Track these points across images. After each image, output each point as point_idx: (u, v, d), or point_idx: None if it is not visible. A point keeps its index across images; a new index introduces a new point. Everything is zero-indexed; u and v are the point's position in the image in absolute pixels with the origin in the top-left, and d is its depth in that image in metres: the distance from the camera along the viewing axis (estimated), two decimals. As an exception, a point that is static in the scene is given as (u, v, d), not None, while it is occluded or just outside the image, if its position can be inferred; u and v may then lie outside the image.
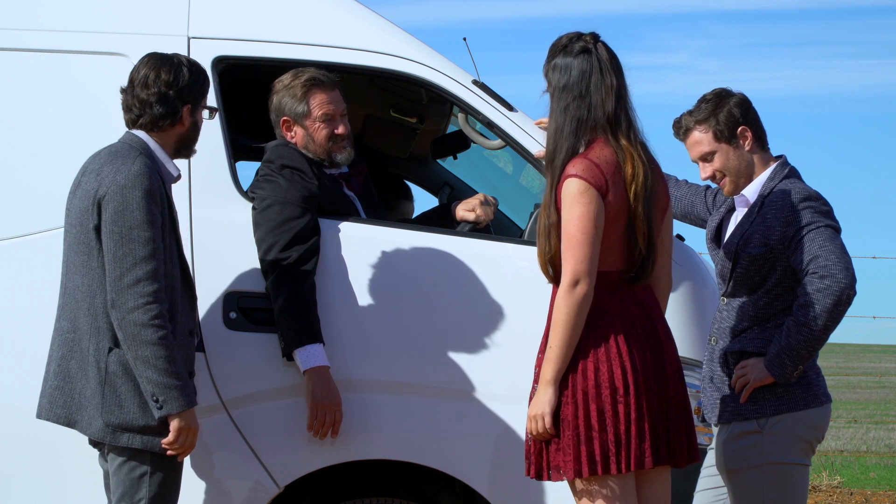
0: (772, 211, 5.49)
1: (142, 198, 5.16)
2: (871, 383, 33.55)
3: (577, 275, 4.92)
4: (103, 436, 5.22)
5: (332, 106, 5.88)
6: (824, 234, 5.39)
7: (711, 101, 5.61)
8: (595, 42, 5.08)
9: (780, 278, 5.47)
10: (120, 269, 5.15)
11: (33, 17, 5.90)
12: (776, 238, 5.46)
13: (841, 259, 5.34)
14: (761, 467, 5.41)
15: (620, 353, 4.95)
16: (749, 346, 5.49)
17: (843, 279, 5.31)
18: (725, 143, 5.59)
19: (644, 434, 4.93)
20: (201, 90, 5.39)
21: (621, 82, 5.07)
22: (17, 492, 5.73)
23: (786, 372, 5.38)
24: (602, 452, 4.92)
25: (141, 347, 5.13)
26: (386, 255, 5.74)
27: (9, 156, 5.82)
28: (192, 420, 5.22)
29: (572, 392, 4.96)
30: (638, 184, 5.00)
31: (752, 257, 5.49)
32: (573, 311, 4.92)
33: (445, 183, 7.83)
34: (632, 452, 4.92)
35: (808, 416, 5.46)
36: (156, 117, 5.31)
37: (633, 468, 4.93)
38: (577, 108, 5.03)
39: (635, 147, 5.04)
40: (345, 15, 6.02)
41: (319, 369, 5.57)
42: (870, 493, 12.98)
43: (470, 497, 5.87)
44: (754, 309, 5.51)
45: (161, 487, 5.25)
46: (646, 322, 5.04)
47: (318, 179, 5.80)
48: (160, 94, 5.31)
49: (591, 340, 4.97)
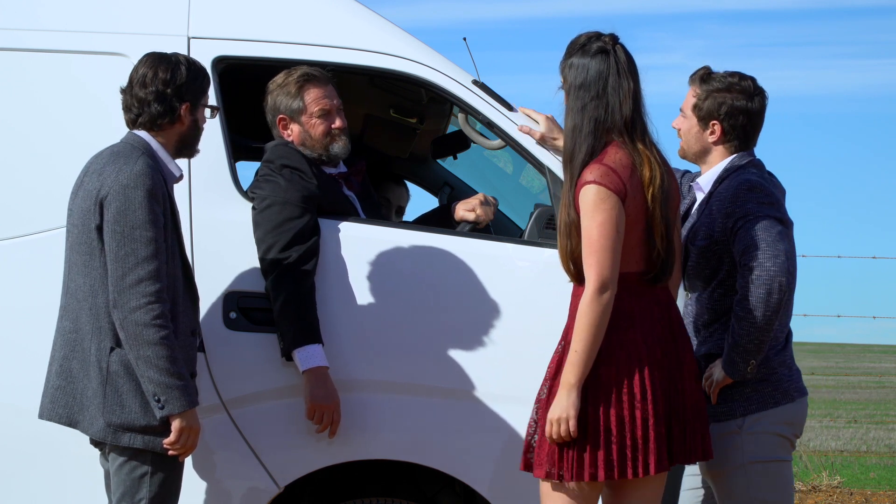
0: (717, 203, 5.47)
1: (144, 198, 5.16)
2: (871, 383, 33.56)
3: (604, 281, 4.96)
4: (105, 436, 5.22)
5: (327, 100, 5.88)
6: (760, 225, 5.34)
7: (721, 84, 5.55)
8: (614, 44, 5.09)
9: (731, 270, 5.43)
10: (122, 268, 5.15)
11: (33, 17, 5.90)
12: (719, 230, 5.43)
13: (771, 247, 5.28)
14: (744, 467, 5.41)
15: (640, 357, 5.00)
16: (715, 349, 5.48)
17: (772, 267, 5.26)
18: (696, 118, 5.59)
19: (662, 438, 4.98)
20: (200, 88, 5.39)
21: (637, 86, 5.09)
22: (18, 492, 5.73)
23: (738, 369, 5.34)
24: (619, 457, 4.94)
25: (143, 347, 5.13)
26: (386, 256, 5.74)
27: (9, 156, 5.83)
28: (194, 420, 5.22)
29: (592, 397, 4.99)
30: (655, 187, 5.04)
31: (700, 250, 5.47)
32: (599, 316, 4.96)
33: (445, 183, 7.83)
34: (650, 456, 4.96)
35: (781, 412, 5.45)
36: (154, 116, 5.32)
37: (653, 472, 4.97)
38: (595, 108, 5.05)
39: (650, 149, 5.07)
40: (345, 15, 6.02)
41: (318, 370, 5.57)
42: (870, 493, 12.98)
43: (470, 497, 5.87)
44: (710, 301, 5.49)
45: (162, 488, 5.25)
46: (664, 321, 5.09)
47: (317, 179, 5.81)
48: (158, 93, 5.31)
49: (612, 344, 5.00)
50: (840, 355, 49.83)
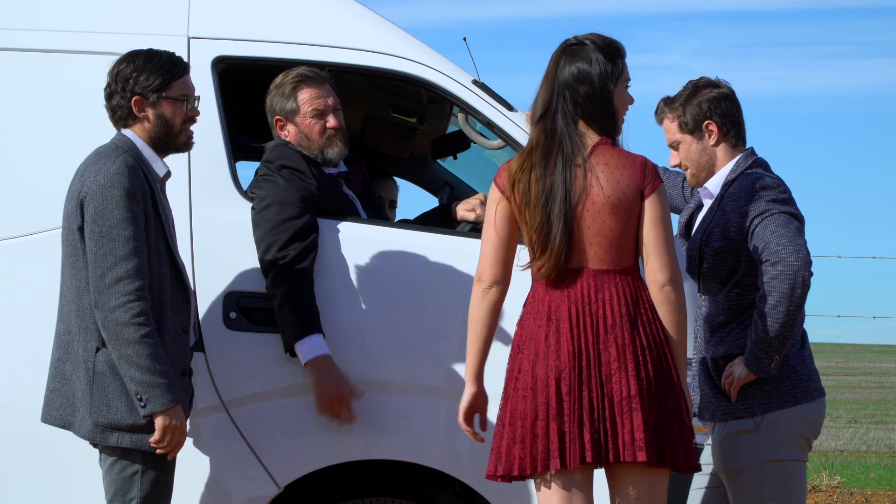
0: (730, 203, 5.49)
1: (121, 197, 5.15)
2: (871, 383, 33.59)
3: (478, 274, 5.07)
4: (93, 436, 5.22)
5: (320, 100, 5.88)
6: (777, 221, 5.35)
7: (686, 92, 5.63)
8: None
9: (748, 269, 5.45)
10: (101, 268, 5.14)
11: (33, 17, 5.90)
12: (735, 230, 5.44)
13: (792, 242, 5.29)
14: (760, 465, 5.41)
15: (538, 351, 4.96)
16: (733, 349, 5.48)
17: (795, 262, 5.27)
18: (689, 134, 5.61)
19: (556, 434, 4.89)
20: (153, 81, 5.30)
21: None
22: (18, 492, 5.73)
23: (762, 365, 5.36)
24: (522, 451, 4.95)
25: (123, 346, 5.12)
26: (385, 255, 5.74)
27: (9, 156, 5.83)
28: (178, 418, 5.20)
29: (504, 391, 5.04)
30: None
31: (716, 251, 5.48)
32: (473, 309, 5.09)
33: (445, 183, 7.83)
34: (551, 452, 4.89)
35: (801, 411, 5.45)
36: (114, 114, 5.33)
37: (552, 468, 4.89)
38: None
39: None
40: (345, 15, 6.02)
41: (321, 359, 5.57)
42: (870, 493, 12.98)
43: (470, 497, 5.87)
44: (727, 301, 5.50)
45: (153, 486, 5.25)
46: (577, 317, 4.95)
47: (316, 179, 5.80)
48: (110, 91, 5.33)
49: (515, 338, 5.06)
50: (840, 355, 49.85)
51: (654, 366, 4.91)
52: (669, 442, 4.93)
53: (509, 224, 5.04)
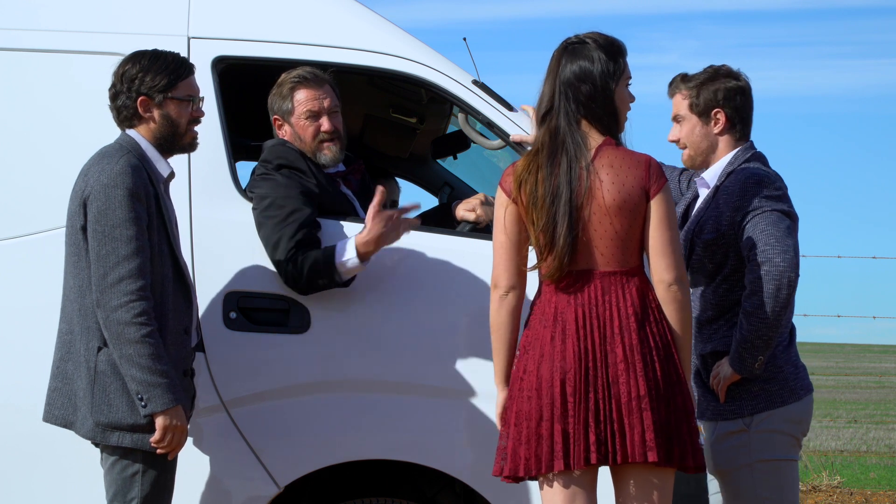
0: (724, 196, 5.48)
1: (124, 197, 5.15)
2: (871, 383, 33.59)
3: (493, 280, 5.10)
4: (94, 435, 5.22)
5: (315, 102, 5.87)
6: (768, 219, 5.35)
7: (705, 75, 5.61)
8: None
9: (737, 265, 5.44)
10: (103, 267, 5.15)
11: (33, 17, 5.91)
12: (726, 224, 5.43)
13: (780, 242, 5.29)
14: (751, 466, 5.41)
15: (542, 353, 4.96)
16: (721, 346, 5.48)
17: (781, 262, 5.26)
18: (697, 116, 5.60)
19: (560, 434, 4.89)
20: (159, 82, 5.32)
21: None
22: (18, 492, 5.73)
23: (746, 365, 5.35)
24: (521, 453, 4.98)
25: (125, 346, 5.13)
26: (385, 255, 5.74)
27: (9, 156, 5.83)
28: (179, 417, 5.20)
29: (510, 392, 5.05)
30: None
31: (706, 244, 5.48)
32: (492, 314, 5.12)
33: (445, 183, 7.83)
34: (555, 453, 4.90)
35: (789, 411, 5.45)
36: (119, 114, 5.33)
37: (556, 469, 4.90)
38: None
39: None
40: (344, 15, 6.02)
41: (360, 240, 5.55)
42: (870, 493, 12.98)
43: (470, 497, 5.87)
44: (715, 297, 5.49)
45: (153, 486, 5.25)
46: (582, 319, 4.95)
47: (315, 178, 5.80)
48: (115, 91, 5.33)
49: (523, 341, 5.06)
50: (840, 355, 49.86)
51: (662, 365, 4.91)
52: (678, 442, 4.92)
53: (519, 226, 5.03)
